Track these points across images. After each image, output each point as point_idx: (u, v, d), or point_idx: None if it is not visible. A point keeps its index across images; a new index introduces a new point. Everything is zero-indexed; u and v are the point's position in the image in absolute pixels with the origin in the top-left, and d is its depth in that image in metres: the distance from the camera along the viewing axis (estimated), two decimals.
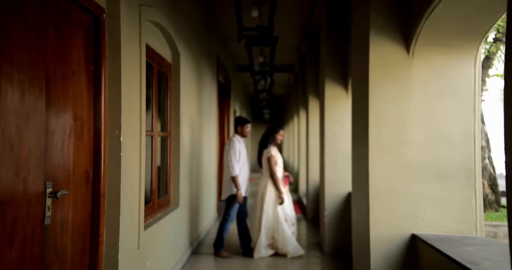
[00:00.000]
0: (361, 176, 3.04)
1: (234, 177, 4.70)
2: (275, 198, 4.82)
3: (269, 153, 4.89)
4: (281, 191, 4.78)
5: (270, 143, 5.00)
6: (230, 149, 4.78)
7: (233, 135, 5.03)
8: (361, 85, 3.04)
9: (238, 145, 4.82)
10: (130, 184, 2.74)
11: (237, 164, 4.73)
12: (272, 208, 4.79)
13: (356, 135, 3.27)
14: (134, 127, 2.84)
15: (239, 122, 5.03)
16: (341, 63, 5.12)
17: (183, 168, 4.49)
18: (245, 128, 5.01)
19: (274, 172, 4.82)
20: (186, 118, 4.66)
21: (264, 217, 4.76)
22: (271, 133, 5.03)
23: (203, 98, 5.97)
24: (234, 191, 4.76)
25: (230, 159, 4.71)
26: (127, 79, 2.69)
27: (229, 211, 4.80)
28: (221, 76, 8.07)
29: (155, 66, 3.66)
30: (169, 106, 4.21)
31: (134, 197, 2.82)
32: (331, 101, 5.17)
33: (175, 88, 4.32)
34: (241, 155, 4.81)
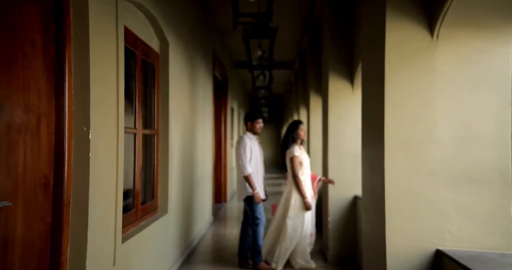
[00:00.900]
0: (374, 180, 2.62)
1: (246, 176, 4.19)
2: (300, 204, 4.30)
3: (291, 153, 4.36)
4: (305, 195, 4.26)
5: (293, 141, 4.46)
6: (239, 147, 4.31)
7: (244, 132, 4.54)
8: (374, 75, 2.62)
9: (249, 142, 4.33)
10: (103, 190, 2.31)
11: (248, 163, 4.22)
12: (299, 215, 4.28)
13: (367, 133, 2.85)
14: (109, 123, 2.42)
15: (249, 118, 4.51)
16: (347, 56, 4.70)
17: (173, 169, 4.06)
18: (256, 124, 4.46)
19: (297, 174, 4.28)
20: (176, 115, 4.23)
21: (290, 224, 4.25)
22: (292, 130, 4.48)
23: (197, 94, 5.54)
24: (250, 192, 4.25)
25: (240, 157, 4.24)
26: (99, 65, 2.26)
27: (255, 214, 4.26)
28: (217, 72, 7.65)
29: (138, 54, 3.24)
30: (157, 101, 3.78)
31: (108, 205, 2.40)
32: (336, 96, 4.75)
33: (163, 81, 3.89)
34: (253, 153, 4.32)
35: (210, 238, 5.75)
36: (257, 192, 4.20)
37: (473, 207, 2.31)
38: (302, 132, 4.49)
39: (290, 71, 11.25)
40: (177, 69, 4.28)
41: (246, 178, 4.21)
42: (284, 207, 4.39)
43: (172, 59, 4.02)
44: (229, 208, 8.70)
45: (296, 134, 4.46)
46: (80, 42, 2.11)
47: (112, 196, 2.45)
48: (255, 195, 4.19)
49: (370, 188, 2.73)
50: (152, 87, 3.74)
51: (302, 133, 4.49)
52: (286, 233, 4.25)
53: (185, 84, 4.73)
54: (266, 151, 21.29)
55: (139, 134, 3.27)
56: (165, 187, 3.88)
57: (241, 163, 4.22)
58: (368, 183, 2.82)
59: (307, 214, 4.30)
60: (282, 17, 6.51)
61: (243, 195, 4.34)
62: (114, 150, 2.49)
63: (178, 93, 4.36)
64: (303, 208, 4.28)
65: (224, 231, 6.35)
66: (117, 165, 2.52)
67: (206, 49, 6.30)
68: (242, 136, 4.43)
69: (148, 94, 3.72)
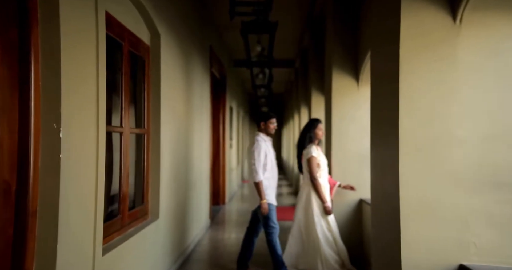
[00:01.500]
0: (386, 183, 2.33)
1: (257, 183, 3.87)
2: (321, 208, 3.97)
3: (309, 154, 4.02)
4: (324, 199, 3.94)
5: (310, 141, 4.12)
6: (253, 150, 3.95)
7: (256, 133, 4.16)
8: (386, 67, 2.33)
9: (264, 145, 4.00)
10: (78, 196, 2.03)
11: (261, 168, 3.91)
12: (324, 219, 3.96)
13: (378, 132, 2.56)
14: (86, 120, 2.14)
15: (262, 118, 4.15)
16: (351, 50, 4.42)
17: (165, 170, 3.78)
18: (269, 124, 4.10)
19: (315, 176, 3.96)
20: (169, 113, 3.95)
21: (319, 230, 3.90)
22: (309, 130, 4.14)
23: (193, 91, 5.26)
24: (268, 199, 3.92)
25: (253, 161, 3.90)
26: (74, 53, 1.98)
27: (269, 223, 3.93)
28: (215, 70, 7.37)
29: (125, 45, 2.95)
30: (147, 98, 3.49)
31: (85, 213, 2.11)
32: (340, 93, 4.47)
33: (154, 76, 3.60)
34: (267, 157, 3.99)
35: (207, 244, 5.46)
36: (265, 202, 3.87)
37: (501, 216, 2.02)
38: (320, 132, 4.15)
39: (291, 70, 10.98)
40: (170, 64, 3.99)
41: (256, 185, 3.88)
42: (305, 213, 4.03)
43: (164, 52, 3.74)
44: (228, 210, 8.41)
45: (314, 133, 4.12)
46: (49, 26, 1.82)
47: (90, 202, 2.17)
48: (262, 205, 3.86)
49: (381, 192, 2.45)
50: (141, 83, 3.45)
51: (320, 133, 4.15)
52: (320, 240, 3.89)
53: (179, 80, 4.44)
54: None
55: (126, 133, 2.98)
56: (156, 190, 3.59)
57: (253, 167, 3.89)
58: (378, 187, 2.54)
59: (331, 218, 3.99)
60: (282, 14, 6.23)
61: (256, 202, 3.99)
62: (93, 151, 2.20)
63: (171, 90, 4.07)
64: (323, 213, 3.96)
65: (222, 235, 6.06)
66: (97, 167, 2.23)
67: (202, 45, 6.02)
68: (256, 138, 4.07)
69: (138, 90, 3.44)
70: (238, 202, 9.73)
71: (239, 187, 12.82)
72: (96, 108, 2.24)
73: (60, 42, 1.83)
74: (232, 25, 7.35)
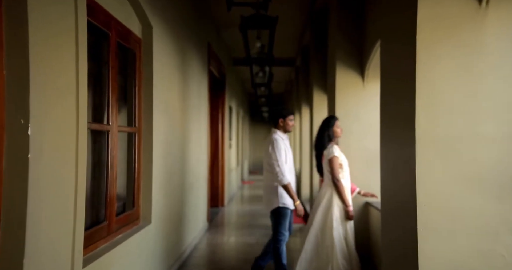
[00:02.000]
0: (399, 187, 2.09)
1: (286, 185, 3.58)
2: (343, 212, 3.69)
3: (331, 154, 3.70)
4: (347, 202, 3.66)
5: (329, 140, 3.81)
6: (273, 149, 3.65)
7: (272, 130, 3.85)
8: (400, 58, 2.09)
9: (283, 144, 3.72)
10: (52, 202, 1.78)
11: (286, 169, 3.64)
12: (343, 225, 3.68)
13: (389, 130, 2.32)
14: (64, 116, 1.89)
15: (281, 114, 3.81)
16: (357, 45, 4.19)
17: (158, 172, 3.54)
18: (288, 121, 3.80)
19: (338, 178, 3.66)
20: (163, 111, 3.71)
21: (336, 236, 3.61)
22: (327, 127, 3.81)
23: (190, 89, 5.02)
24: (282, 203, 3.65)
25: (277, 163, 3.59)
26: (46, 39, 1.74)
27: (280, 229, 3.67)
28: (214, 68, 7.14)
29: (112, 36, 2.71)
30: (138, 94, 3.25)
31: (60, 222, 1.87)
32: (344, 91, 4.24)
33: (146, 71, 3.36)
34: (287, 156, 3.74)
35: (205, 248, 5.22)
36: (299, 203, 3.60)
37: None
38: (338, 129, 3.84)
39: (291, 68, 10.76)
40: (164, 58, 3.75)
41: (285, 188, 3.59)
42: (324, 217, 3.72)
43: (157, 46, 3.49)
44: (227, 212, 8.17)
45: (332, 132, 3.82)
46: (15, 8, 1.58)
47: (68, 208, 1.92)
48: (297, 207, 3.58)
49: (394, 197, 2.20)
50: (132, 78, 3.21)
51: (339, 130, 3.84)
52: (335, 249, 3.60)
53: (174, 76, 4.20)
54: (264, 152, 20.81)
55: (114, 131, 2.74)
56: (148, 193, 3.35)
57: (278, 170, 3.58)
58: (390, 191, 2.29)
59: (350, 225, 3.73)
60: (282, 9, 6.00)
61: (272, 205, 3.70)
62: (72, 150, 1.96)
63: (166, 86, 3.83)
64: (344, 218, 3.69)
65: (220, 239, 5.81)
66: (77, 169, 1.99)
67: (200, 41, 5.78)
68: (273, 136, 3.75)
69: (128, 85, 3.20)
70: (238, 204, 9.49)
71: (239, 188, 12.58)
72: (76, 103, 1.99)
73: (28, 26, 1.59)
74: (231, 22, 7.12)
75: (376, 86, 4.16)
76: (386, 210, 2.38)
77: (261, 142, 20.70)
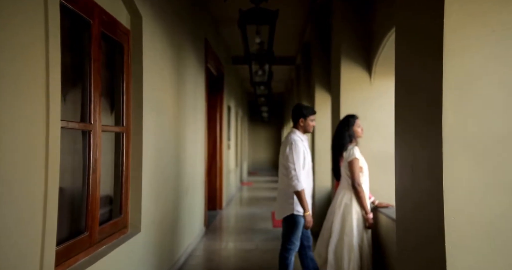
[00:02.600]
0: (421, 195, 1.81)
1: (299, 191, 3.24)
2: (363, 220, 3.41)
3: (351, 156, 3.41)
4: (367, 209, 3.38)
5: (350, 141, 3.52)
6: (290, 151, 3.31)
7: (291, 130, 3.50)
8: (421, 44, 1.81)
9: (302, 145, 3.39)
10: (12, 213, 1.50)
11: (302, 173, 3.32)
12: (360, 233, 3.39)
13: (407, 127, 2.04)
14: (30, 113, 1.61)
15: (302, 113, 3.44)
16: (363, 37, 3.91)
17: (149, 175, 3.26)
18: (309, 121, 3.45)
19: (359, 182, 3.36)
20: (154, 109, 3.43)
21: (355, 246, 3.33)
22: (347, 127, 3.52)
23: (185, 86, 4.74)
24: (297, 210, 3.33)
25: (293, 166, 3.27)
26: (6, 24, 1.46)
27: (291, 238, 3.37)
28: (211, 66, 6.86)
29: (95, 25, 2.43)
30: (126, 90, 2.97)
31: (26, 234, 1.58)
32: (349, 88, 3.96)
33: (136, 66, 3.08)
34: (306, 159, 3.39)
35: (201, 255, 4.94)
36: (308, 214, 3.29)
37: None
38: (359, 129, 3.54)
39: (291, 67, 10.49)
40: (155, 52, 3.48)
41: (298, 195, 3.26)
42: (342, 224, 3.43)
43: (147, 39, 3.22)
44: (225, 216, 7.89)
45: (353, 131, 3.52)
46: None
47: (35, 220, 1.64)
48: (306, 218, 3.28)
49: (414, 207, 1.92)
50: (120, 73, 2.93)
51: (359, 130, 3.55)
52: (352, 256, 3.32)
53: (167, 72, 3.92)
54: (265, 152, 20.55)
55: (97, 131, 2.45)
56: (138, 198, 3.07)
57: (293, 174, 3.25)
58: (408, 199, 2.01)
59: (368, 234, 3.44)
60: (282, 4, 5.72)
61: (284, 212, 3.39)
62: (41, 152, 1.68)
63: (158, 82, 3.55)
64: (364, 225, 3.41)
65: (218, 245, 5.53)
66: (47, 173, 1.71)
67: (196, 36, 5.50)
68: (291, 136, 3.41)
69: (115, 81, 2.92)
70: (237, 206, 9.21)
71: (238, 189, 12.30)
72: (46, 98, 1.72)
73: None
74: (229, 18, 6.86)
75: (384, 83, 3.89)
76: (403, 221, 2.10)
77: (260, 142, 20.46)
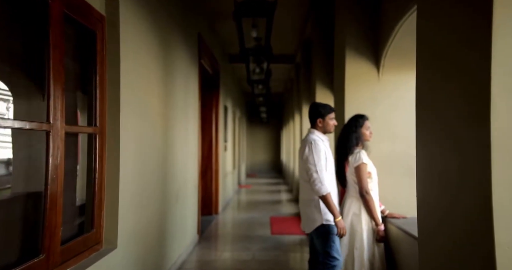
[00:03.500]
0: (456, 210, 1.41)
1: (324, 196, 2.84)
2: (373, 232, 3.06)
3: (358, 160, 3.07)
4: (378, 220, 3.03)
5: (356, 144, 3.18)
6: (310, 152, 2.94)
7: (310, 130, 3.14)
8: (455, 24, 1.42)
9: (323, 146, 3.01)
10: None
11: (326, 176, 2.93)
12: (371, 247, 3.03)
13: (434, 125, 1.64)
14: None
15: (319, 113, 3.08)
16: (371, 27, 3.51)
17: (128, 182, 2.86)
18: (328, 120, 3.08)
19: (367, 190, 3.02)
20: (135, 107, 3.03)
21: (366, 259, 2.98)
22: (355, 128, 3.17)
23: (175, 83, 4.35)
24: (326, 219, 2.91)
25: (315, 168, 2.88)
26: None
27: (330, 252, 2.90)
28: (206, 63, 6.47)
29: (55, 6, 2.03)
30: (100, 84, 2.57)
31: None
32: (355, 85, 3.57)
33: (112, 57, 2.68)
34: (328, 161, 3.02)
35: (193, 267, 4.53)
36: (340, 220, 2.86)
37: None
38: (367, 132, 3.19)
39: (291, 66, 10.11)
40: (138, 44, 3.08)
41: (324, 199, 2.85)
42: (350, 235, 3.08)
43: (127, 27, 2.82)
44: (221, 221, 7.48)
45: (361, 134, 3.16)
46: None
47: None
48: (338, 224, 2.85)
49: (446, 225, 1.52)
50: (92, 65, 2.53)
51: (368, 133, 3.20)
52: None
53: (152, 66, 3.53)
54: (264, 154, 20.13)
55: (57, 132, 2.05)
56: (114, 208, 2.67)
57: (315, 176, 2.86)
58: (437, 215, 1.61)
59: (381, 248, 3.05)
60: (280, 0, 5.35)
61: (313, 224, 2.96)
62: None
63: (139, 77, 3.16)
64: (374, 237, 3.04)
65: (213, 254, 5.13)
66: None
67: (188, 29, 5.11)
68: (311, 137, 3.03)
69: (87, 74, 2.52)
70: (234, 211, 8.81)
71: (235, 192, 11.89)
72: None
73: None
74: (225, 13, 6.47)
75: (394, 79, 3.50)
76: (427, 242, 1.70)
77: (259, 144, 20.06)
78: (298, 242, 5.76)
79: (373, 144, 3.45)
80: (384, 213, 3.36)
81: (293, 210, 8.56)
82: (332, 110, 3.10)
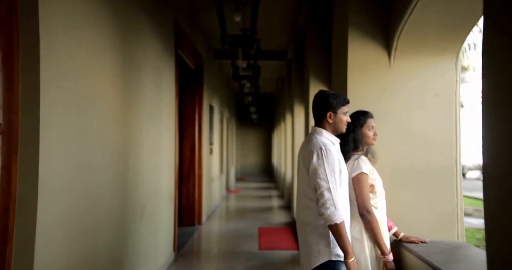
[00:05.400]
0: None
1: (337, 225, 1.99)
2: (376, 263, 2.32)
3: (356, 170, 2.36)
4: (385, 249, 2.29)
5: (355, 148, 2.42)
6: (320, 162, 2.08)
7: (315, 130, 2.25)
8: None
9: (337, 154, 2.15)
10: None
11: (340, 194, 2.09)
12: None
13: None
14: None
15: (328, 105, 2.19)
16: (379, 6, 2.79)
17: (55, 201, 2.09)
18: (341, 115, 2.20)
19: (368, 208, 2.31)
20: (71, 98, 2.27)
21: None
22: (352, 127, 2.38)
23: (141, 74, 3.59)
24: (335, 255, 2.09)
25: (327, 185, 2.04)
26: None
27: None
28: (186, 56, 5.74)
29: None
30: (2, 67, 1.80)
31: None
32: (360, 73, 2.86)
33: (27, 30, 1.92)
34: (342, 173, 2.14)
35: None
36: (353, 261, 2.01)
37: None
38: (370, 133, 2.44)
39: (282, 63, 9.41)
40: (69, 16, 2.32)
41: (336, 230, 2.01)
42: None
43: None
44: (205, 233, 6.70)
45: (361, 135, 2.43)
46: None
47: None
48: (350, 266, 2.00)
49: None
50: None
51: (371, 133, 2.45)
52: None
53: (109, 53, 2.77)
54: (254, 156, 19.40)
55: None
56: (28, 240, 1.89)
57: (327, 197, 2.01)
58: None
59: None
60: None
61: (316, 259, 2.11)
62: None
63: (84, 63, 2.39)
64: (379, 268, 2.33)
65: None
66: None
67: (161, 14, 4.36)
68: (318, 139, 2.16)
69: None
70: (220, 220, 8.06)
71: (223, 198, 11.13)
72: None
73: None
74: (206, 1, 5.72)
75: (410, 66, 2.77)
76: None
77: (249, 146, 19.36)
78: (290, 259, 5.04)
79: (380, 148, 2.70)
80: (398, 236, 2.65)
81: (284, 219, 7.84)
82: (347, 102, 2.24)
